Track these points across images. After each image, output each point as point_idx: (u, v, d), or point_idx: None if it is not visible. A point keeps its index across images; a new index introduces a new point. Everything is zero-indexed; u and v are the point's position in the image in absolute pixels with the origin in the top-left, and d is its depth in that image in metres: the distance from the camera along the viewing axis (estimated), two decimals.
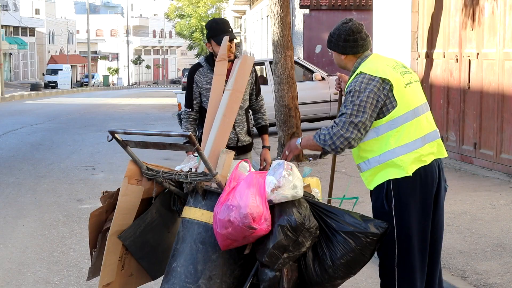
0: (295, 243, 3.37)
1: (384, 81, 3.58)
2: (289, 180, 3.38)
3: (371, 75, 3.59)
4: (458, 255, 5.54)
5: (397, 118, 3.58)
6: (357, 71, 3.67)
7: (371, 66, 3.65)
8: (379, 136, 3.60)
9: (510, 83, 8.62)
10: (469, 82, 9.48)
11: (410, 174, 3.57)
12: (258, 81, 5.26)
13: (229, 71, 4.71)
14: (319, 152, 3.80)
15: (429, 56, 10.63)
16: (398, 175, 3.58)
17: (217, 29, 4.92)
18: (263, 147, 5.25)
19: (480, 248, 5.70)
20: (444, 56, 10.14)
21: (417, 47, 10.96)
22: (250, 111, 5.28)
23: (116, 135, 3.63)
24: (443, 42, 10.17)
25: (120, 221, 3.76)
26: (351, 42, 3.71)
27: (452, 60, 9.93)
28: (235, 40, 4.97)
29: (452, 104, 9.98)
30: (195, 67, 5.11)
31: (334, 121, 3.63)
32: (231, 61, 4.82)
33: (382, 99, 3.56)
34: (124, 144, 3.71)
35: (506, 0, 8.65)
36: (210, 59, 5.06)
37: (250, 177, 3.47)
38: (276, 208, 3.42)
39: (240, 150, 5.11)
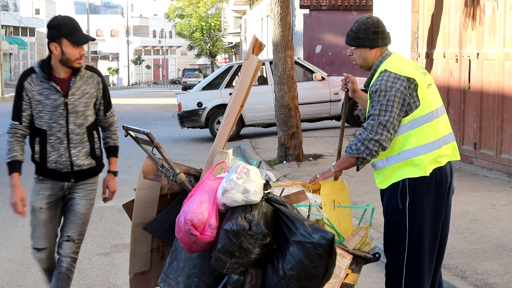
0: (240, 249, 3.22)
1: (409, 80, 3.60)
2: (237, 184, 3.24)
3: (397, 74, 3.60)
4: (458, 255, 5.53)
5: (418, 118, 3.61)
6: (381, 69, 3.67)
7: (395, 64, 3.66)
8: (399, 135, 3.62)
9: (510, 83, 8.62)
10: (469, 82, 9.48)
11: (428, 174, 3.59)
12: (107, 94, 4.33)
13: (67, 80, 4.12)
14: (320, 154, 3.81)
15: (429, 56, 10.63)
16: (415, 175, 3.60)
17: (72, 27, 4.06)
18: (109, 171, 4.39)
19: (480, 248, 5.70)
20: (444, 56, 10.14)
21: (417, 47, 10.97)
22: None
23: (129, 131, 3.81)
24: (443, 42, 10.17)
25: (141, 213, 3.89)
26: (380, 33, 3.73)
27: (452, 60, 9.93)
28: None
29: (452, 104, 9.98)
30: (28, 73, 4.14)
31: (363, 125, 3.63)
32: (76, 69, 4.13)
33: (409, 97, 3.59)
34: (138, 141, 3.87)
35: (506, 0, 8.65)
36: (47, 65, 4.12)
37: (204, 183, 3.43)
38: (228, 212, 3.33)
39: (78, 175, 4.24)
